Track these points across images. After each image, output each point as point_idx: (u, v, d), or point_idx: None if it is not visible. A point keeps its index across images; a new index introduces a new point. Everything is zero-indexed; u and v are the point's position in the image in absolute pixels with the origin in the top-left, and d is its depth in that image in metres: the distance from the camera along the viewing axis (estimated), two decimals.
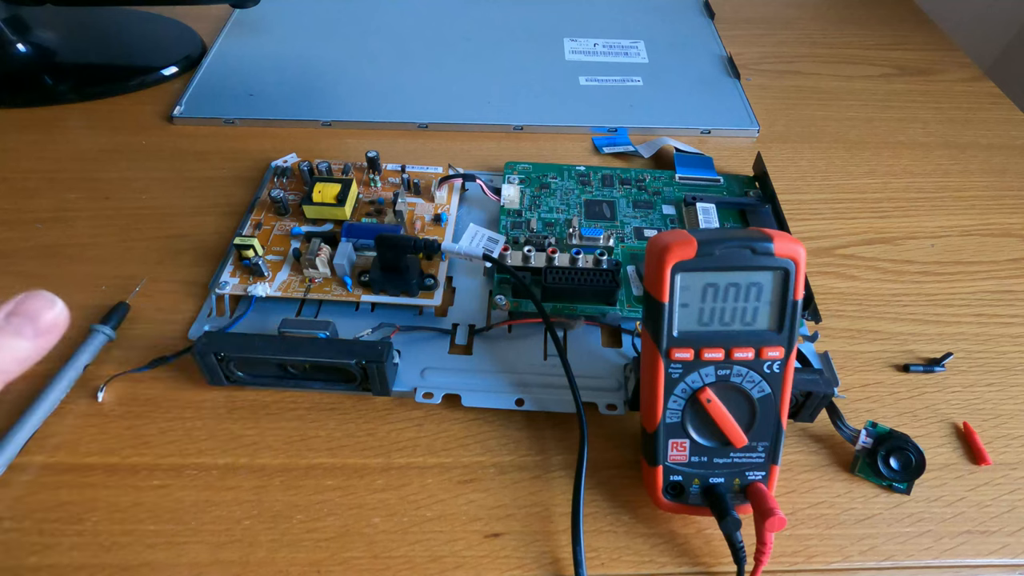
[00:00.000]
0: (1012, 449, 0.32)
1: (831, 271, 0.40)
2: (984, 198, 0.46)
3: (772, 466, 0.27)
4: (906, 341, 0.36)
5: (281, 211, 0.39)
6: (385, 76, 0.54)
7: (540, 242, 0.39)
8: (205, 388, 0.33)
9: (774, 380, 0.26)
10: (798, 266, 0.25)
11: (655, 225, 0.41)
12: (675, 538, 0.28)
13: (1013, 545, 0.28)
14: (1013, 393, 0.34)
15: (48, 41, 0.55)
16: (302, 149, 0.47)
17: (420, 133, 0.49)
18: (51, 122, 0.49)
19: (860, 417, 0.33)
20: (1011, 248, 0.42)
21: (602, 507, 0.29)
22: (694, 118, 0.51)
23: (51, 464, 0.30)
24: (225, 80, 0.53)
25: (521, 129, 0.50)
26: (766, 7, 0.68)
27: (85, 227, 0.41)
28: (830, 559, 0.28)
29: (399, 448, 0.31)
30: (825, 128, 0.52)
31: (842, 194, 0.46)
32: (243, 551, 0.27)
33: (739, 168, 0.47)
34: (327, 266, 0.36)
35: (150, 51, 0.56)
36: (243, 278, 0.36)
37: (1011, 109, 0.55)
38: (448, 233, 0.39)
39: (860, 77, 0.58)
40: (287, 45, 0.57)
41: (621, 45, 0.60)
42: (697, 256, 0.25)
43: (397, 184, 0.42)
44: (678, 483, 0.27)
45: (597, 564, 0.27)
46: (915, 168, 0.48)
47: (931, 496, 0.30)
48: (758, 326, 0.26)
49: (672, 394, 0.26)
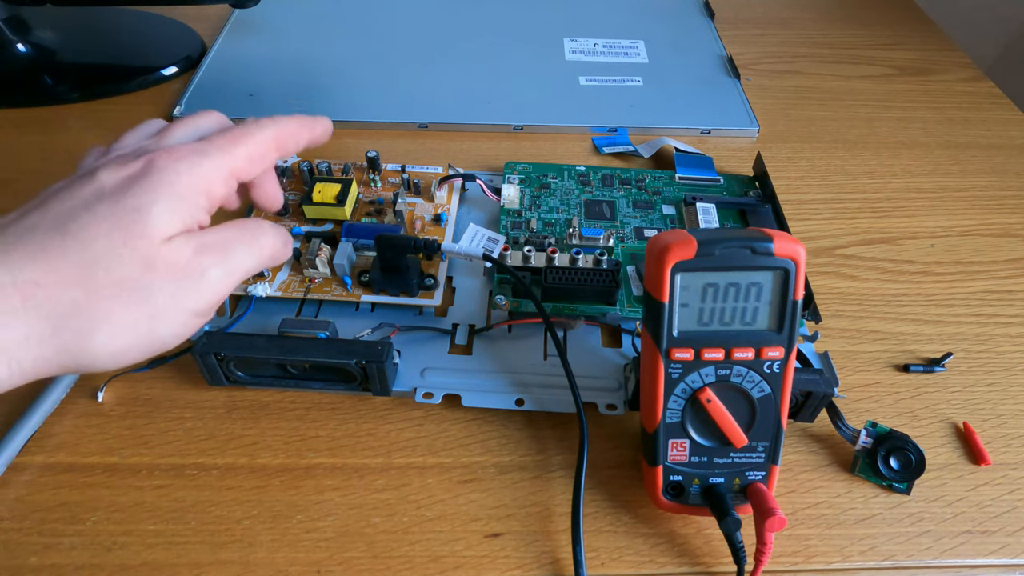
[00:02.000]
0: (1012, 449, 0.32)
1: (831, 271, 0.40)
2: (984, 198, 0.46)
3: (772, 466, 0.27)
4: (906, 341, 0.36)
5: (281, 211, 0.39)
6: (385, 76, 0.54)
7: (540, 242, 0.39)
8: (205, 388, 0.33)
9: (774, 380, 0.26)
10: (798, 266, 0.25)
11: (655, 225, 0.41)
12: (675, 538, 0.28)
13: (1013, 545, 0.28)
14: (1013, 393, 0.34)
15: (48, 41, 0.55)
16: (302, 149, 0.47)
17: (420, 133, 0.49)
18: (51, 122, 0.49)
19: (860, 417, 0.33)
20: (1011, 248, 0.42)
21: (602, 507, 0.29)
22: (694, 118, 0.51)
23: (51, 464, 0.30)
24: (225, 80, 0.53)
25: (521, 129, 0.50)
26: (766, 7, 0.68)
27: None
28: (830, 559, 0.28)
29: (399, 448, 0.31)
30: (825, 128, 0.52)
31: (842, 194, 0.46)
32: (243, 551, 0.27)
33: (739, 168, 0.47)
34: (327, 266, 0.36)
35: (150, 51, 0.56)
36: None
37: (1011, 109, 0.55)
38: (448, 233, 0.39)
39: (860, 77, 0.58)
40: (287, 45, 0.57)
41: (621, 45, 0.60)
42: (697, 256, 0.25)
43: (397, 184, 0.42)
44: (678, 483, 0.27)
45: (597, 564, 0.27)
46: (915, 168, 0.48)
47: (931, 496, 0.30)
48: (758, 326, 0.26)
49: (672, 394, 0.26)
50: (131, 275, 0.22)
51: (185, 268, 0.23)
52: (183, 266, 0.23)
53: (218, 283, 0.24)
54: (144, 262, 0.22)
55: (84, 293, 0.21)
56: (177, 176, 0.23)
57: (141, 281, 0.22)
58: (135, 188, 0.23)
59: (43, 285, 0.21)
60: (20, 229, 0.22)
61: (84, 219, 0.22)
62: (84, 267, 0.21)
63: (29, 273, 0.21)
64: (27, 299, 0.21)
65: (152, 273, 0.22)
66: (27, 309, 0.20)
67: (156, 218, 0.22)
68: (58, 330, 0.21)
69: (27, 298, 0.21)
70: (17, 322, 0.20)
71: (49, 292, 0.21)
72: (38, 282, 0.21)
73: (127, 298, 0.22)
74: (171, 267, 0.23)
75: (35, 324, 0.21)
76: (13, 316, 0.20)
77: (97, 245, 0.22)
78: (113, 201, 0.22)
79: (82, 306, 0.21)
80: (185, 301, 0.23)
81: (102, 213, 0.22)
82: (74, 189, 0.23)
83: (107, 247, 0.22)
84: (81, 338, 0.21)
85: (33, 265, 0.21)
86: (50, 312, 0.21)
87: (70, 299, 0.21)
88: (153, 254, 0.22)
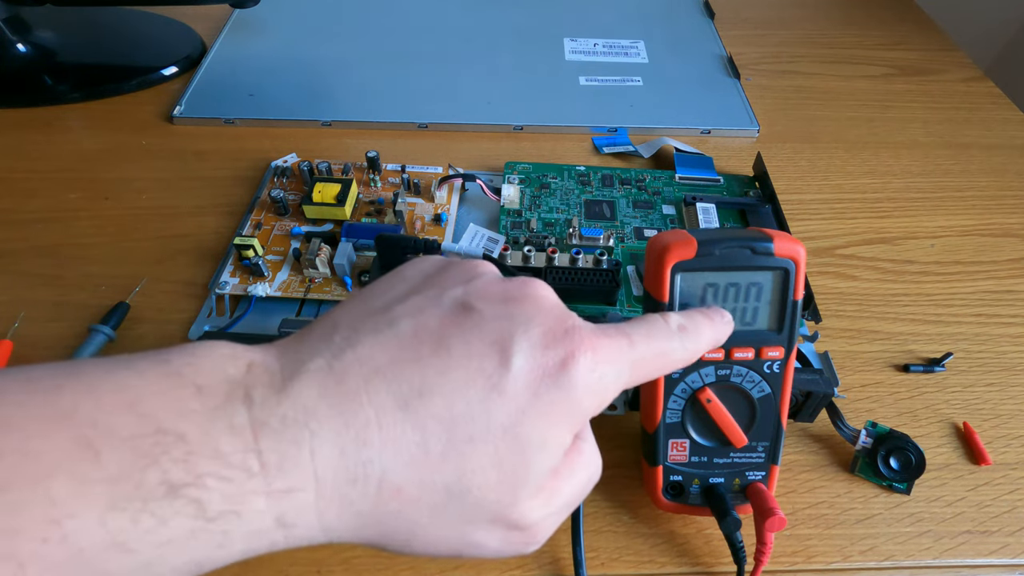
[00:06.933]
0: (1012, 449, 0.32)
1: (831, 271, 0.40)
2: (984, 198, 0.46)
3: (772, 466, 0.27)
4: (906, 341, 0.36)
5: (281, 211, 0.39)
6: (385, 76, 0.54)
7: (540, 242, 0.39)
8: None
9: (774, 380, 0.26)
10: (798, 266, 0.25)
11: (655, 225, 0.41)
12: (675, 538, 0.28)
13: (1013, 545, 0.28)
14: (1013, 393, 0.34)
15: (48, 41, 0.55)
16: (302, 149, 0.47)
17: (420, 133, 0.49)
18: (51, 122, 0.49)
19: (860, 417, 0.33)
20: (1011, 248, 0.42)
21: (602, 507, 0.29)
22: (694, 118, 0.51)
23: None
24: (225, 80, 0.53)
25: (521, 129, 0.50)
26: (766, 7, 0.68)
27: (85, 227, 0.41)
28: (830, 559, 0.28)
29: None
30: (825, 128, 0.52)
31: (842, 194, 0.46)
32: None
33: (739, 168, 0.47)
34: (327, 266, 0.36)
35: (150, 51, 0.56)
36: (243, 278, 0.36)
37: (1011, 109, 0.55)
38: (448, 233, 0.39)
39: (860, 77, 0.58)
40: (287, 45, 0.57)
41: (621, 45, 0.60)
42: (697, 256, 0.25)
43: (397, 184, 0.42)
44: (678, 483, 0.27)
45: (597, 564, 0.27)
46: (915, 168, 0.48)
47: (931, 496, 0.30)
48: (758, 326, 0.26)
49: (672, 394, 0.26)
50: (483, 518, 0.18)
51: (527, 531, 0.19)
52: (528, 528, 0.19)
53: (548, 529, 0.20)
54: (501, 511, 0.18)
55: (430, 516, 0.18)
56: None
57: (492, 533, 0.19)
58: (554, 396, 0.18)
59: (401, 493, 0.17)
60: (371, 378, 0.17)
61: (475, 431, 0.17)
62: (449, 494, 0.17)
63: (392, 478, 0.17)
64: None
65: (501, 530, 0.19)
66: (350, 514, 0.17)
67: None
68: (380, 537, 0.18)
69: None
70: (341, 523, 0.17)
71: (403, 504, 0.17)
72: (400, 488, 0.17)
73: (463, 531, 0.18)
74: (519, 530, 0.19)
75: (351, 528, 0.17)
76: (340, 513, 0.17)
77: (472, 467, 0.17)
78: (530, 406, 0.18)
79: (416, 529, 0.18)
80: (508, 549, 0.20)
81: (499, 424, 0.18)
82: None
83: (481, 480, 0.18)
84: (398, 545, 0.18)
85: (396, 470, 0.17)
86: (379, 527, 0.17)
87: (411, 519, 0.17)
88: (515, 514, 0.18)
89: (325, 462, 0.16)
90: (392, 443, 0.17)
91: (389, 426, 0.17)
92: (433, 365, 0.17)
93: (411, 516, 0.17)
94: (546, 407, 0.18)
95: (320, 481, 0.16)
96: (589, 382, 0.18)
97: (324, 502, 0.16)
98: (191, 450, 0.15)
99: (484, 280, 0.20)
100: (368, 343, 0.18)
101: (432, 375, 0.17)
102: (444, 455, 0.17)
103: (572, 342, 0.19)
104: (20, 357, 0.33)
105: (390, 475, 0.17)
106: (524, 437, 0.18)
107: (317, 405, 0.16)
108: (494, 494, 0.18)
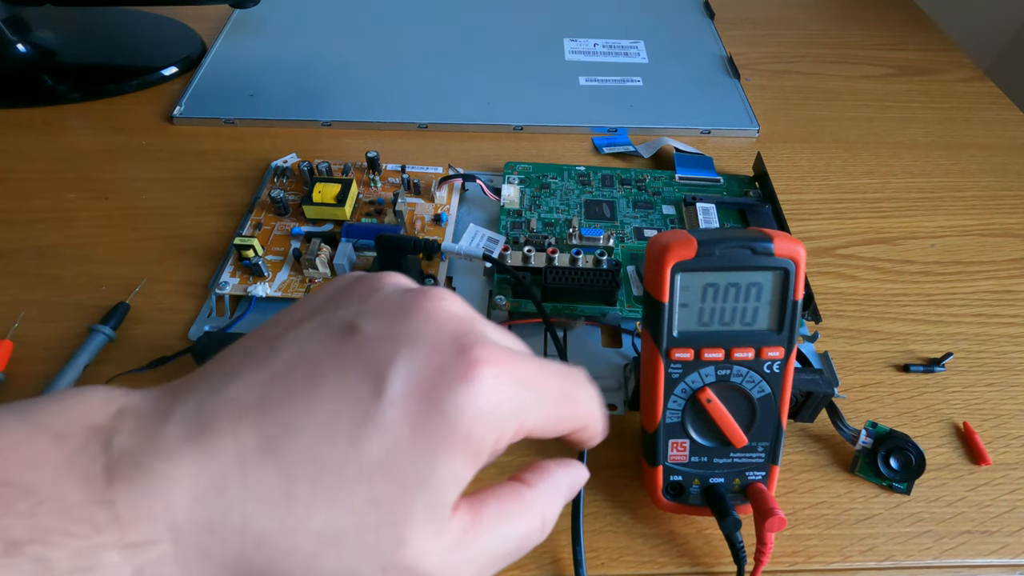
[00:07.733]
0: (1012, 449, 0.32)
1: (831, 271, 0.40)
2: (984, 198, 0.46)
3: (772, 466, 0.27)
4: (906, 341, 0.36)
5: (281, 211, 0.39)
6: (385, 76, 0.54)
7: (540, 242, 0.39)
8: None
9: (774, 380, 0.26)
10: (798, 266, 0.25)
11: (655, 225, 0.41)
12: (675, 538, 0.28)
13: (1013, 545, 0.28)
14: (1013, 393, 0.34)
15: (48, 41, 0.55)
16: (302, 149, 0.47)
17: (420, 133, 0.49)
18: (51, 122, 0.49)
19: (860, 417, 0.33)
20: (1011, 248, 0.42)
21: (602, 507, 0.29)
22: (694, 118, 0.51)
23: None
24: (225, 80, 0.53)
25: (521, 129, 0.50)
26: (766, 7, 0.68)
27: (85, 227, 0.41)
28: (830, 559, 0.28)
29: None
30: (825, 128, 0.52)
31: (842, 194, 0.46)
32: None
33: (739, 168, 0.47)
34: (327, 266, 0.36)
35: (150, 51, 0.56)
36: (243, 278, 0.36)
37: (1011, 109, 0.55)
38: (448, 233, 0.39)
39: (860, 77, 0.58)
40: (287, 45, 0.57)
41: (621, 45, 0.60)
42: (697, 256, 0.25)
43: (397, 184, 0.42)
44: (678, 483, 0.27)
45: (597, 564, 0.27)
46: (915, 168, 0.48)
47: (931, 496, 0.30)
48: (758, 326, 0.26)
49: (672, 394, 0.26)
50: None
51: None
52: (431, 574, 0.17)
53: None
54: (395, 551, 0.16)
55: (306, 567, 0.16)
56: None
57: None
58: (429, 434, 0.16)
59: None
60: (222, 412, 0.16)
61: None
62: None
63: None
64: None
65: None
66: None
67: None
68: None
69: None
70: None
71: (272, 555, 0.15)
72: (265, 538, 0.15)
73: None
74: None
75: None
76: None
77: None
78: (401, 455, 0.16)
79: None
80: None
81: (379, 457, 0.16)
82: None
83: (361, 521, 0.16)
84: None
85: (259, 518, 0.15)
86: None
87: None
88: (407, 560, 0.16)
89: (181, 511, 0.15)
90: (254, 489, 0.15)
91: (251, 469, 0.15)
92: (302, 399, 0.16)
93: (285, 568, 0.15)
94: (426, 438, 0.16)
95: (177, 531, 0.15)
96: (480, 408, 0.16)
97: (185, 553, 0.15)
98: (38, 502, 0.14)
99: (381, 295, 0.18)
100: (244, 379, 0.16)
101: (302, 410, 0.16)
102: (311, 499, 0.15)
103: (466, 361, 0.16)
104: (20, 357, 0.33)
105: (253, 524, 0.15)
106: (401, 473, 0.16)
107: (177, 449, 0.15)
108: (373, 537, 0.16)
